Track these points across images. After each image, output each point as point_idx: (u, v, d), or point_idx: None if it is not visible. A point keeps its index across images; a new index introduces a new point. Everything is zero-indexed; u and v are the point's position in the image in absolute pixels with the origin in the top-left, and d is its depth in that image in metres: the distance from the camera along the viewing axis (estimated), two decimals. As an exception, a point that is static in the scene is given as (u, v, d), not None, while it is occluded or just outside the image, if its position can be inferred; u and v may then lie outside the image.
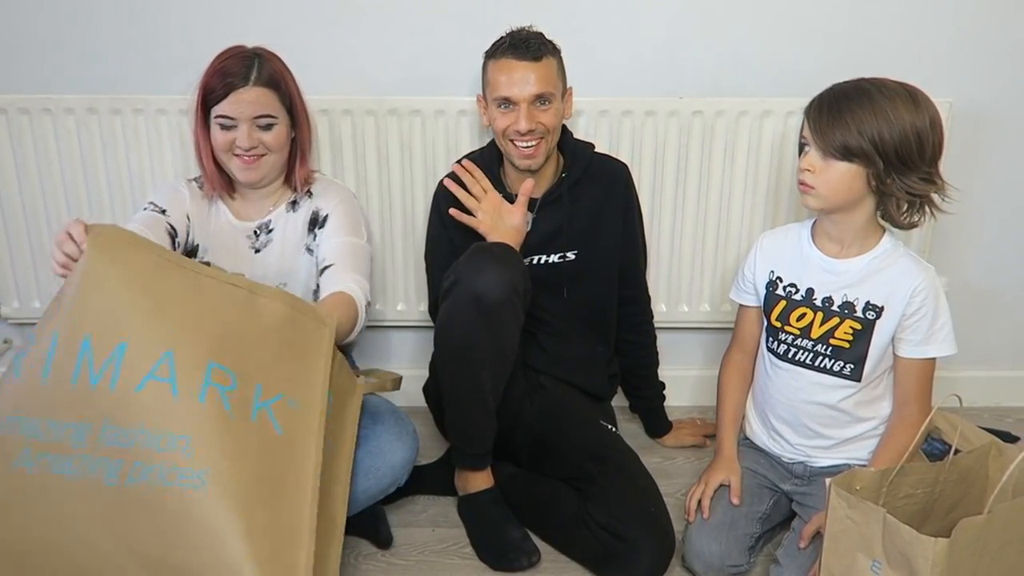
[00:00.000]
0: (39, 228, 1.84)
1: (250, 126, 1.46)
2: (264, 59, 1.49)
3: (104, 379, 1.04)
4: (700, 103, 1.75)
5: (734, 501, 1.43)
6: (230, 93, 1.44)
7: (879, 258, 1.36)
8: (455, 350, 1.42)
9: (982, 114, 1.79)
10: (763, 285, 1.47)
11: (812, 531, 1.36)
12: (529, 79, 1.47)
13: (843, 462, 1.45)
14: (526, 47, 1.47)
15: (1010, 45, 1.76)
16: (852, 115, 1.26)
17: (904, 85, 1.29)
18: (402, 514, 1.58)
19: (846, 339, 1.38)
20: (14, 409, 1.08)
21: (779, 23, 1.75)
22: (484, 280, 1.36)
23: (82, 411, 1.05)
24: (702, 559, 1.38)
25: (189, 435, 1.03)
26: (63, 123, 1.77)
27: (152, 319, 1.08)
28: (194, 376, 1.06)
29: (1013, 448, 1.28)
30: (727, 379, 1.58)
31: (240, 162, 1.49)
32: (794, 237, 1.46)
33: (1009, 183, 1.86)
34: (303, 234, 1.58)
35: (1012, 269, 1.93)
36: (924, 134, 1.27)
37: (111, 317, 1.07)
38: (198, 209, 1.58)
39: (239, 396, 1.08)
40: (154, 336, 1.07)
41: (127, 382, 1.05)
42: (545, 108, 1.50)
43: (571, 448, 1.52)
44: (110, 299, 1.08)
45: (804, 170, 1.32)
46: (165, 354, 1.05)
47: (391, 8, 1.74)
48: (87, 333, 1.06)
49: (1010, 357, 2.00)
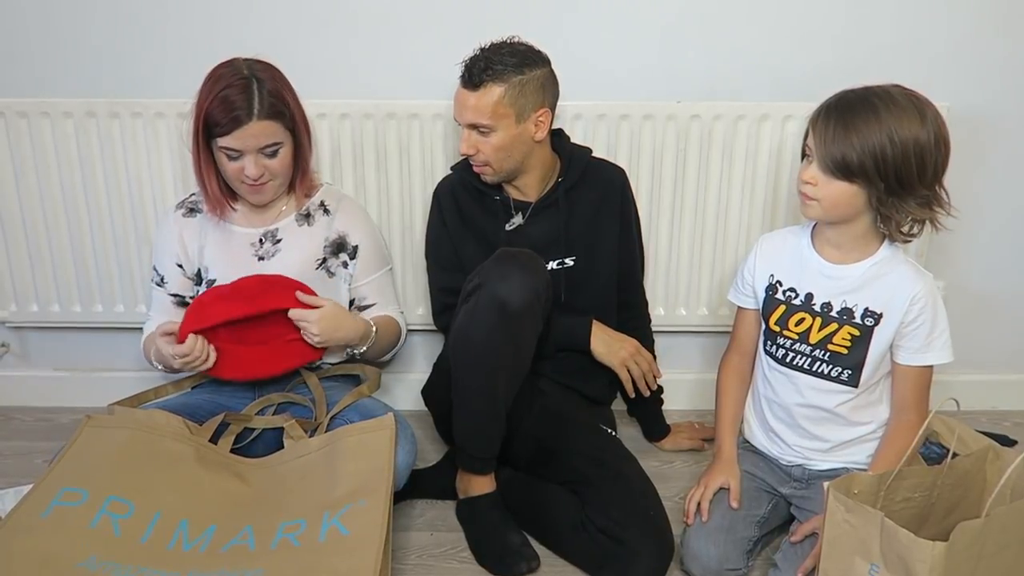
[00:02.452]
0: (37, 232, 1.84)
1: (256, 156, 1.47)
2: (263, 82, 1.46)
3: (195, 548, 1.25)
4: (698, 107, 1.75)
5: (733, 505, 1.43)
6: (235, 129, 1.43)
7: (878, 264, 1.36)
8: (473, 353, 1.41)
9: (979, 118, 1.80)
10: (762, 288, 1.47)
11: (808, 530, 1.36)
12: (467, 106, 1.50)
13: (841, 466, 1.45)
14: (469, 74, 1.49)
15: (1007, 50, 1.76)
16: (856, 131, 1.24)
17: (913, 98, 1.27)
18: (400, 518, 1.58)
19: (844, 345, 1.39)
20: (107, 557, 1.20)
21: (777, 27, 1.75)
22: (509, 286, 1.37)
23: (173, 566, 1.22)
24: (700, 562, 1.38)
25: (262, 568, 1.20)
26: (61, 127, 1.77)
27: (235, 506, 1.32)
28: (268, 536, 1.26)
29: (1010, 452, 1.29)
30: (725, 382, 1.57)
31: (248, 188, 1.51)
32: (794, 241, 1.45)
33: (1006, 187, 1.86)
34: (321, 252, 1.61)
35: (1009, 273, 1.93)
36: (927, 152, 1.24)
37: (203, 504, 1.31)
38: (191, 232, 1.61)
39: (308, 531, 1.25)
40: (238, 518, 1.29)
41: (214, 547, 1.26)
42: (484, 136, 1.50)
43: (570, 452, 1.52)
44: (208, 490, 1.33)
45: (805, 182, 1.31)
46: (246, 528, 1.28)
47: (387, 12, 1.75)
48: (184, 518, 1.28)
49: (1007, 361, 2.00)
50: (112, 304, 1.90)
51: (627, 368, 1.62)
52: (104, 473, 1.30)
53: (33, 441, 1.87)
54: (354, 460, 1.33)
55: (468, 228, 1.63)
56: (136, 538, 1.23)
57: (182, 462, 1.36)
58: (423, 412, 1.77)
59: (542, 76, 1.51)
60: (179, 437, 1.39)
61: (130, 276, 1.88)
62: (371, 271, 1.66)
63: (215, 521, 1.29)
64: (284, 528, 1.26)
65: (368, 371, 1.64)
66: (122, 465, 1.32)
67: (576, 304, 1.63)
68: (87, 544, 1.20)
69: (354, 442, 1.36)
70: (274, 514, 1.29)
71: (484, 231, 1.62)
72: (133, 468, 1.32)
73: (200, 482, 1.34)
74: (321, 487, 1.32)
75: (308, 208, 1.62)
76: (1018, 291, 1.94)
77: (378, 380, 1.63)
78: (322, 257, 1.61)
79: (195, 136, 1.48)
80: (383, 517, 1.24)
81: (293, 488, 1.34)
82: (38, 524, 1.21)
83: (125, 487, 1.28)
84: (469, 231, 1.62)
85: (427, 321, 1.83)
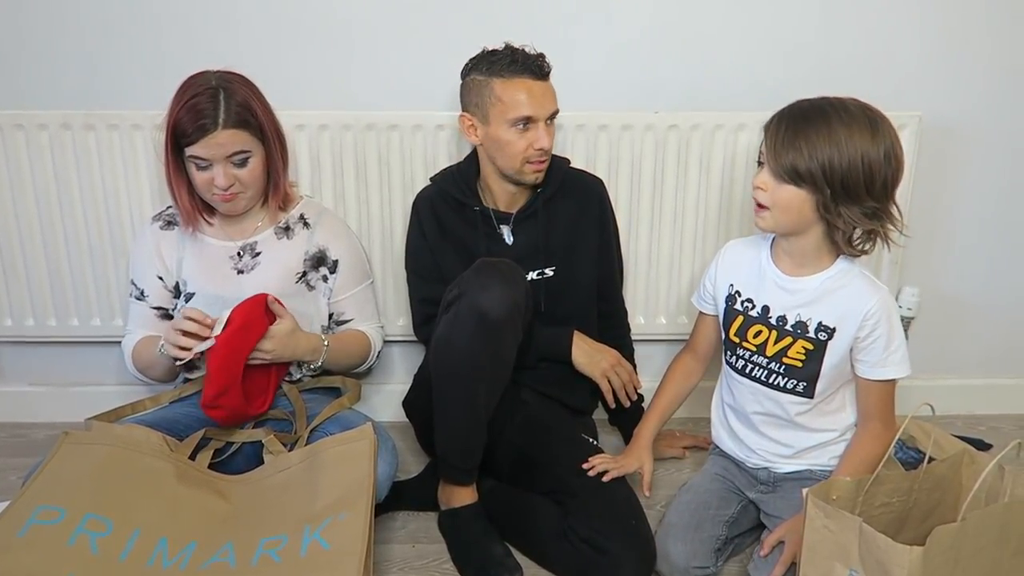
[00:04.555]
0: (11, 245, 1.82)
1: (225, 165, 1.47)
2: (230, 93, 1.46)
3: (174, 565, 1.24)
4: (676, 117, 1.77)
5: (646, 493, 1.49)
6: (201, 138, 1.44)
7: (833, 278, 1.37)
8: (454, 363, 1.42)
9: (951, 127, 1.83)
10: (723, 298, 1.49)
11: (775, 540, 1.36)
12: (548, 97, 1.52)
13: (805, 468, 1.47)
14: (540, 67, 1.51)
15: (978, 59, 1.80)
16: (806, 139, 1.26)
17: (867, 110, 1.28)
18: (382, 530, 1.57)
19: (799, 358, 1.40)
20: (85, 575, 1.19)
21: (752, 38, 1.78)
22: (489, 296, 1.37)
23: None
24: (668, 560, 1.38)
25: None
26: (36, 139, 1.75)
27: (216, 523, 1.31)
28: (249, 553, 1.25)
29: (985, 456, 1.30)
30: (669, 375, 1.61)
31: (219, 199, 1.50)
32: (754, 252, 1.46)
33: (978, 195, 1.89)
34: (301, 266, 1.60)
35: (983, 279, 1.96)
36: (876, 165, 1.25)
37: (183, 522, 1.30)
38: (169, 244, 1.60)
39: (289, 546, 1.24)
40: (218, 535, 1.28)
41: (194, 564, 1.24)
42: (550, 125, 1.54)
43: (552, 462, 1.52)
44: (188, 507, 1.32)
45: (757, 188, 1.33)
46: (226, 545, 1.27)
47: (367, 24, 1.75)
48: (163, 536, 1.27)
49: (982, 365, 2.03)
50: (88, 318, 1.88)
51: (607, 379, 1.63)
52: (82, 490, 1.28)
53: (7, 457, 1.84)
54: (334, 472, 1.33)
55: (448, 239, 1.63)
56: (115, 556, 1.21)
57: (162, 479, 1.34)
58: (404, 423, 1.76)
59: None
60: (158, 454, 1.37)
61: (107, 289, 1.86)
62: (351, 286, 1.66)
63: (195, 538, 1.27)
64: (265, 544, 1.25)
65: (348, 383, 1.64)
66: (100, 482, 1.30)
67: (556, 314, 1.63)
68: (65, 563, 1.18)
69: (334, 454, 1.35)
70: (255, 530, 1.28)
71: (464, 242, 1.62)
72: (111, 485, 1.31)
73: (180, 499, 1.33)
74: (302, 501, 1.31)
75: (288, 221, 1.62)
76: (992, 297, 1.98)
77: (358, 392, 1.62)
78: (302, 271, 1.60)
79: (166, 147, 1.49)
80: (364, 530, 1.23)
81: (273, 503, 1.33)
82: (15, 543, 1.19)
83: (103, 504, 1.27)
84: (448, 242, 1.63)
85: (408, 332, 1.83)
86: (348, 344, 1.64)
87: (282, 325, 1.49)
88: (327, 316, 1.66)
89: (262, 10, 1.73)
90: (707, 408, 1.61)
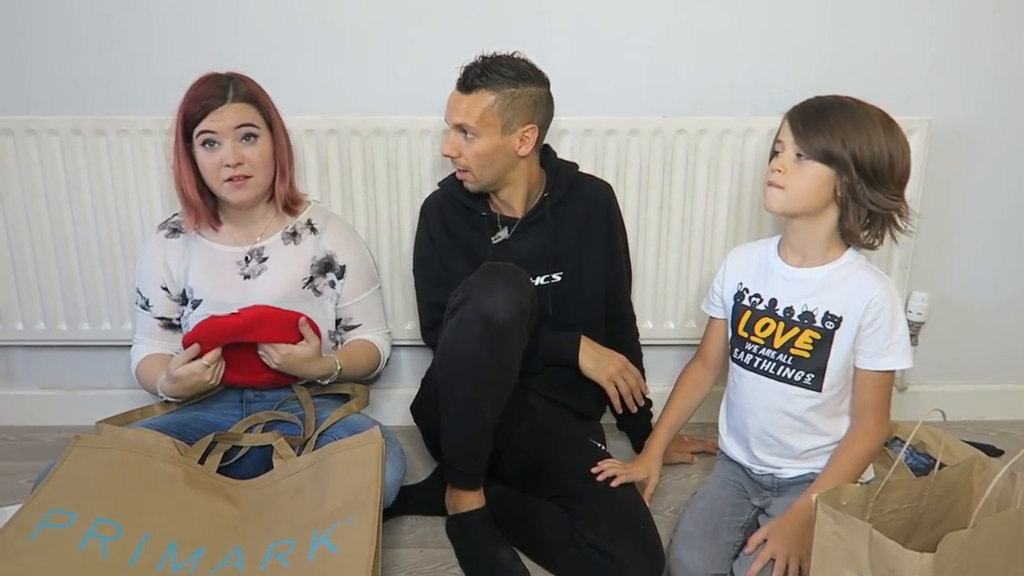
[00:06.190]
0: (22, 249, 1.83)
1: (234, 142, 1.48)
2: (239, 80, 1.51)
3: (183, 570, 1.24)
4: (683, 122, 1.77)
5: (646, 500, 1.49)
6: (209, 112, 1.46)
7: (839, 269, 1.39)
8: (460, 368, 1.41)
9: (961, 131, 1.82)
10: (731, 297, 1.51)
11: (760, 538, 1.35)
12: (457, 107, 1.51)
13: (808, 471, 1.46)
14: (465, 78, 1.51)
15: (987, 63, 1.79)
16: (838, 124, 1.31)
17: (878, 110, 1.34)
18: (389, 535, 1.57)
19: (806, 349, 1.40)
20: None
21: (761, 43, 1.77)
22: (494, 300, 1.37)
23: None
24: (685, 568, 1.37)
25: None
26: (47, 144, 1.76)
27: (225, 528, 1.31)
28: (257, 557, 1.25)
29: (996, 462, 1.29)
30: (680, 384, 1.62)
31: (230, 185, 1.50)
32: (761, 250, 1.50)
33: (988, 199, 1.88)
34: (308, 272, 1.61)
35: (993, 283, 1.95)
36: (896, 157, 1.32)
37: (192, 527, 1.30)
38: (175, 253, 1.61)
39: (297, 551, 1.24)
40: (227, 540, 1.29)
41: (203, 569, 1.25)
42: (468, 140, 1.52)
43: (560, 467, 1.52)
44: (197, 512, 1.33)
45: (775, 170, 1.35)
46: (235, 550, 1.27)
47: (375, 29, 1.75)
48: (173, 540, 1.27)
49: (992, 371, 2.02)
50: (99, 322, 1.89)
51: (615, 384, 1.62)
52: (92, 495, 1.29)
53: (18, 461, 1.85)
54: (342, 476, 1.33)
55: (455, 244, 1.63)
56: (124, 561, 1.22)
57: (171, 484, 1.35)
58: (412, 428, 1.76)
59: (536, 94, 1.52)
60: (169, 459, 1.38)
61: (116, 293, 1.87)
62: (358, 291, 1.67)
63: (204, 543, 1.28)
64: (273, 549, 1.25)
65: (357, 388, 1.64)
66: (111, 487, 1.31)
67: (564, 319, 1.63)
68: (75, 567, 1.19)
69: (342, 458, 1.35)
70: (263, 535, 1.29)
71: (471, 246, 1.62)
72: (122, 489, 1.31)
73: (189, 504, 1.33)
74: (310, 505, 1.31)
75: (295, 226, 1.62)
76: (1002, 302, 1.96)
77: (367, 397, 1.63)
78: (309, 276, 1.61)
79: (175, 139, 1.50)
80: (372, 535, 1.23)
81: (282, 508, 1.33)
82: (26, 547, 1.20)
83: (113, 509, 1.27)
84: (456, 247, 1.63)
85: (415, 336, 1.83)
86: (358, 359, 1.65)
87: (304, 349, 1.49)
88: (334, 321, 1.66)
89: (272, 16, 1.74)
90: (716, 413, 1.61)
